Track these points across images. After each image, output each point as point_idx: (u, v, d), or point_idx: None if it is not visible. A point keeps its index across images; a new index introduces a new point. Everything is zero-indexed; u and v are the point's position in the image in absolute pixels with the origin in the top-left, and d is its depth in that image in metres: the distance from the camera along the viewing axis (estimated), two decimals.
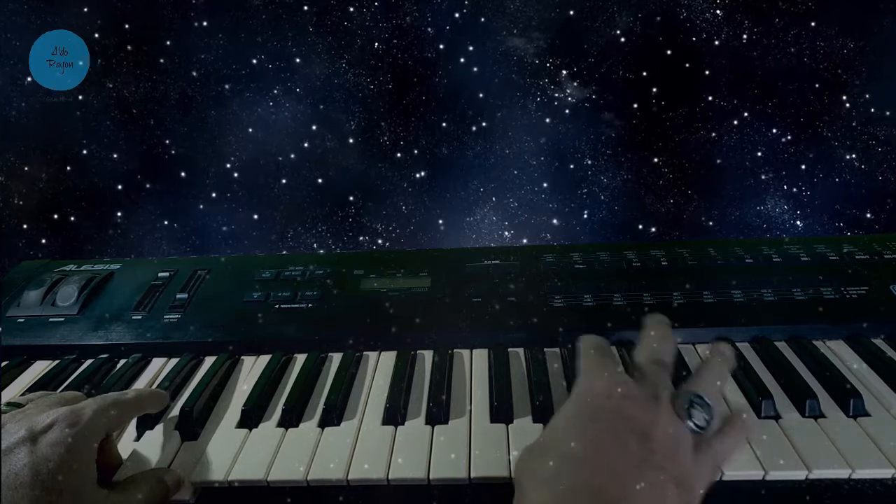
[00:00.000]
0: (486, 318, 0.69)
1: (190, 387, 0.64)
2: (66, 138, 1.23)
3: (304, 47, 1.23)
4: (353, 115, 1.28)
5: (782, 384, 0.58)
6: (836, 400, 0.56)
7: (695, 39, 1.21)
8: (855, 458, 0.49)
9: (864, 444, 0.51)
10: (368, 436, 0.55)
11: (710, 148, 1.25)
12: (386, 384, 0.61)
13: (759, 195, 1.24)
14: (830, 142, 1.21)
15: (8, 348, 0.71)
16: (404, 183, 1.29)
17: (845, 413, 0.54)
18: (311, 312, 0.72)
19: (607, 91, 1.26)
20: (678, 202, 1.26)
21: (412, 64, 1.26)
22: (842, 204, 1.22)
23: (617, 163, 1.27)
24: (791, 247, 0.77)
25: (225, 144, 1.26)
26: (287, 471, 0.51)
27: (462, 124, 1.28)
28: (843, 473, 0.49)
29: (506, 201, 1.30)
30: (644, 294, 0.71)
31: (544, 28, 1.24)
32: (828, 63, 1.19)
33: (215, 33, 1.22)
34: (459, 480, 0.50)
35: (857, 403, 0.54)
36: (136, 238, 1.26)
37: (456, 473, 0.50)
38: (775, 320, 0.67)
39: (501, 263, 0.78)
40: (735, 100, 1.23)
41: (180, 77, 1.23)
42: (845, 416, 0.54)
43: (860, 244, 0.77)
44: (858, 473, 0.48)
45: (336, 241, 1.30)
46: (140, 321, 0.73)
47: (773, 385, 0.58)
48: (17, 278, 0.82)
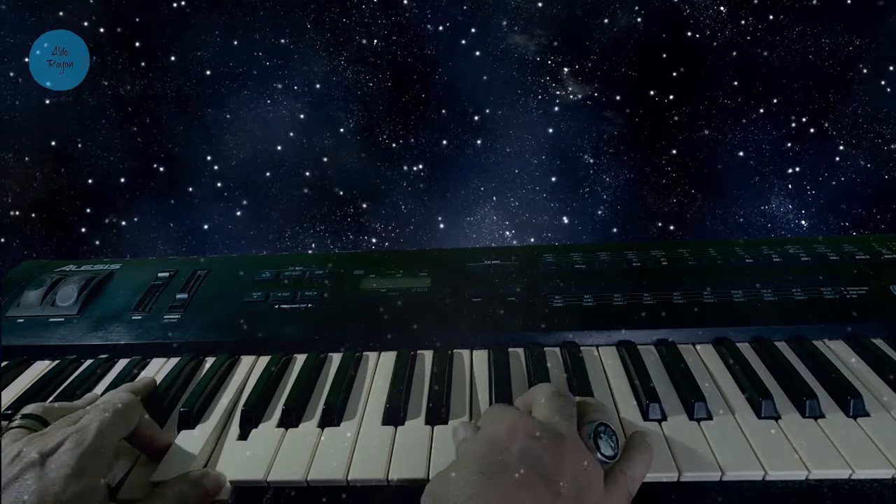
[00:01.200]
0: (486, 318, 0.69)
1: (190, 387, 0.64)
2: (67, 138, 1.22)
3: (302, 44, 1.23)
4: (351, 113, 1.27)
5: (782, 384, 0.58)
6: (836, 400, 0.56)
7: (698, 36, 1.19)
8: (855, 458, 0.49)
9: (864, 444, 0.51)
10: (368, 436, 0.55)
11: (713, 146, 1.23)
12: (386, 384, 0.61)
13: (763, 194, 1.23)
14: (836, 140, 1.20)
15: (8, 348, 0.71)
16: (404, 182, 1.28)
17: (845, 413, 0.54)
18: (310, 312, 0.72)
19: (610, 89, 1.24)
20: (682, 201, 1.25)
21: (412, 61, 1.25)
22: (848, 203, 1.20)
23: (619, 161, 1.26)
24: (791, 247, 0.77)
25: (225, 143, 1.26)
26: (287, 471, 0.51)
27: (462, 122, 1.27)
28: (843, 473, 0.49)
29: (506, 200, 1.29)
30: (644, 294, 0.71)
31: (546, 25, 1.23)
32: (833, 60, 1.18)
33: (213, 31, 1.21)
34: None
35: (857, 403, 0.54)
36: (136, 238, 1.26)
37: None
38: (775, 320, 0.67)
39: (501, 263, 0.78)
40: (739, 98, 1.21)
41: (178, 76, 1.23)
42: (845, 416, 0.54)
43: (860, 244, 0.77)
44: (858, 473, 0.48)
45: (335, 240, 1.29)
46: (140, 321, 0.73)
47: (773, 385, 0.58)
48: (17, 278, 0.82)
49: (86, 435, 0.47)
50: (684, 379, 0.59)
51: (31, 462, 0.44)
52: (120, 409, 0.50)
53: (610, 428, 0.46)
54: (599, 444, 0.45)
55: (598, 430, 0.46)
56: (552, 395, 0.48)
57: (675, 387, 0.59)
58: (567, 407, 0.47)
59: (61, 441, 0.46)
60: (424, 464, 0.51)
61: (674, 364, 0.61)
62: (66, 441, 0.46)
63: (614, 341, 0.67)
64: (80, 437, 0.47)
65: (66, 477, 0.44)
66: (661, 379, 0.60)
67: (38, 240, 1.23)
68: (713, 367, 0.62)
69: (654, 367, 0.62)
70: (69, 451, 0.45)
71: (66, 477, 0.44)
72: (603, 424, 0.46)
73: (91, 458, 0.46)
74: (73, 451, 0.45)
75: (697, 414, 0.55)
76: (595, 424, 0.46)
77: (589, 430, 0.46)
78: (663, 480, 0.49)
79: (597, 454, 0.45)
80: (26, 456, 0.45)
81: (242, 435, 0.56)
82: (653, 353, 0.65)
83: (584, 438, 0.46)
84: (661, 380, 0.60)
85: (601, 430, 0.46)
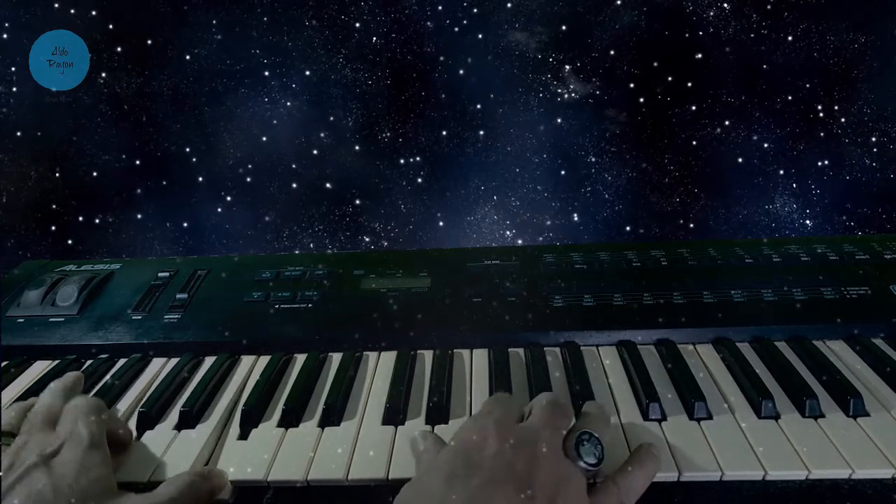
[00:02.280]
0: (486, 318, 0.69)
1: (190, 387, 0.64)
2: (66, 138, 1.22)
3: (301, 41, 1.22)
4: (350, 111, 1.25)
5: (782, 384, 0.58)
6: (836, 400, 0.56)
7: (702, 34, 1.17)
8: (855, 458, 0.49)
9: (864, 444, 0.51)
10: (368, 436, 0.55)
11: (717, 145, 1.21)
12: (386, 384, 0.61)
13: (767, 194, 1.21)
14: (841, 139, 1.18)
15: (8, 348, 0.71)
16: (403, 181, 1.27)
17: (845, 413, 0.54)
18: (310, 312, 0.72)
19: (612, 86, 1.22)
20: (685, 201, 1.23)
21: (411, 59, 1.23)
22: (853, 203, 1.18)
23: (622, 160, 1.24)
24: (791, 247, 0.77)
25: (225, 143, 1.25)
26: (287, 471, 0.51)
27: (462, 121, 1.25)
28: (843, 473, 0.48)
29: (507, 200, 1.28)
30: (644, 294, 0.71)
31: (547, 22, 1.21)
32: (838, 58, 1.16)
33: (213, 30, 1.21)
34: None
35: (857, 403, 0.54)
36: (136, 238, 1.26)
37: None
38: (775, 320, 0.67)
39: (501, 263, 0.78)
40: (743, 95, 1.19)
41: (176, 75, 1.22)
42: (845, 416, 0.54)
43: (860, 244, 0.77)
44: (858, 473, 0.48)
45: (333, 240, 1.28)
46: (140, 321, 0.73)
47: (773, 385, 0.58)
48: (17, 278, 0.82)
49: (82, 433, 0.48)
50: (684, 379, 0.59)
51: (33, 464, 0.45)
52: (93, 404, 0.52)
53: (594, 437, 0.46)
54: (581, 452, 0.45)
55: (580, 439, 0.46)
56: (546, 405, 0.48)
57: (675, 387, 0.59)
58: (556, 417, 0.47)
59: (60, 444, 0.47)
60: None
61: (674, 364, 0.61)
62: (65, 443, 0.47)
63: (614, 341, 0.67)
64: (78, 435, 0.48)
65: (76, 471, 0.45)
66: (661, 379, 0.60)
67: (38, 240, 1.23)
68: (713, 367, 0.62)
69: (654, 367, 0.62)
70: (72, 448, 0.47)
71: (77, 471, 0.45)
72: (587, 433, 0.46)
73: (95, 451, 0.47)
74: (76, 448, 0.47)
75: (697, 414, 0.55)
76: (578, 433, 0.46)
77: (573, 439, 0.46)
78: (663, 480, 0.49)
79: (579, 462, 0.45)
80: (27, 460, 0.45)
81: (242, 435, 0.56)
82: (653, 353, 0.65)
83: (568, 448, 0.46)
84: (661, 380, 0.60)
85: (584, 437, 0.46)
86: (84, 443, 0.47)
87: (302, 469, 0.51)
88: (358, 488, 0.51)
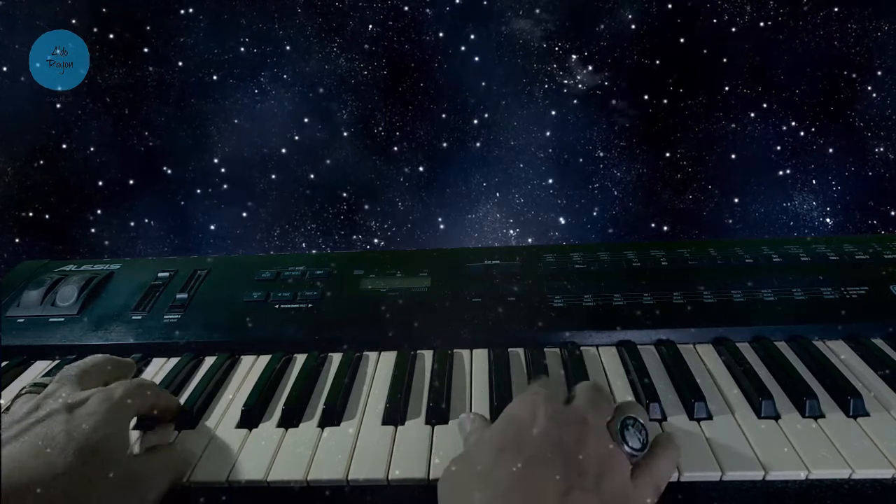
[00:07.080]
0: (486, 318, 0.69)
1: (190, 387, 0.64)
2: (65, 138, 1.22)
3: (293, 30, 1.18)
4: (345, 104, 1.21)
5: (782, 384, 0.58)
6: (836, 400, 0.56)
7: (714, 22, 1.13)
8: (855, 458, 0.49)
9: (864, 444, 0.51)
10: (368, 436, 0.55)
11: (730, 140, 1.17)
12: (386, 384, 0.61)
13: (783, 191, 1.17)
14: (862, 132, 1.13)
15: (8, 348, 0.71)
16: (401, 178, 1.24)
17: (845, 413, 0.54)
18: (310, 312, 0.72)
19: (620, 78, 1.18)
20: (696, 198, 1.18)
21: (409, 48, 1.19)
22: (876, 200, 1.14)
23: (630, 155, 1.19)
24: (791, 247, 0.77)
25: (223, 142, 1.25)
26: (287, 471, 0.51)
27: (463, 114, 1.20)
28: (843, 473, 0.49)
29: (510, 197, 1.24)
30: (644, 294, 0.71)
31: (552, 9, 1.16)
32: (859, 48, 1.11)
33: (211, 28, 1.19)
34: None
35: (857, 403, 0.54)
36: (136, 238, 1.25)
37: None
38: (775, 320, 0.67)
39: (502, 263, 0.78)
40: (758, 87, 1.15)
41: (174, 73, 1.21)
42: (845, 416, 0.54)
43: (860, 244, 0.77)
44: (858, 473, 0.48)
45: (327, 240, 1.25)
46: (140, 321, 0.73)
47: (773, 385, 0.58)
48: (17, 278, 0.82)
49: (113, 395, 0.49)
50: (684, 379, 0.59)
51: (55, 409, 0.46)
52: (143, 387, 0.53)
53: (639, 422, 0.47)
54: (626, 437, 0.46)
55: (625, 423, 0.46)
56: (588, 388, 0.49)
57: (675, 387, 0.59)
58: (599, 400, 0.48)
59: (88, 396, 0.48)
60: (424, 464, 0.51)
61: (674, 364, 0.61)
62: (92, 396, 0.48)
63: (614, 341, 0.67)
64: (108, 394, 0.49)
65: (95, 423, 0.46)
66: (661, 379, 0.60)
67: (38, 240, 1.23)
68: (713, 367, 0.62)
69: (654, 367, 0.62)
70: (97, 402, 0.48)
71: (96, 423, 0.46)
72: (631, 418, 0.47)
73: (117, 412, 0.48)
74: (101, 403, 0.48)
75: (697, 414, 0.55)
76: (623, 417, 0.47)
77: (617, 423, 0.46)
78: None
79: (624, 447, 0.45)
80: (51, 405, 0.47)
81: (242, 435, 0.56)
82: (653, 353, 0.65)
83: (613, 432, 0.46)
84: (661, 380, 0.60)
85: (629, 422, 0.46)
86: (111, 400, 0.48)
87: (302, 469, 0.51)
88: (358, 488, 0.51)
